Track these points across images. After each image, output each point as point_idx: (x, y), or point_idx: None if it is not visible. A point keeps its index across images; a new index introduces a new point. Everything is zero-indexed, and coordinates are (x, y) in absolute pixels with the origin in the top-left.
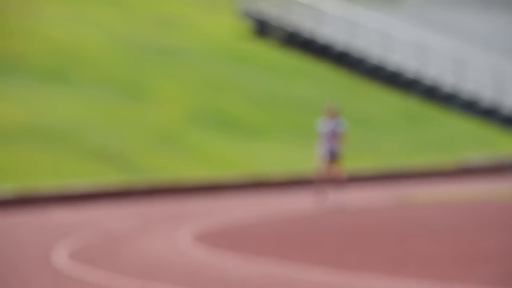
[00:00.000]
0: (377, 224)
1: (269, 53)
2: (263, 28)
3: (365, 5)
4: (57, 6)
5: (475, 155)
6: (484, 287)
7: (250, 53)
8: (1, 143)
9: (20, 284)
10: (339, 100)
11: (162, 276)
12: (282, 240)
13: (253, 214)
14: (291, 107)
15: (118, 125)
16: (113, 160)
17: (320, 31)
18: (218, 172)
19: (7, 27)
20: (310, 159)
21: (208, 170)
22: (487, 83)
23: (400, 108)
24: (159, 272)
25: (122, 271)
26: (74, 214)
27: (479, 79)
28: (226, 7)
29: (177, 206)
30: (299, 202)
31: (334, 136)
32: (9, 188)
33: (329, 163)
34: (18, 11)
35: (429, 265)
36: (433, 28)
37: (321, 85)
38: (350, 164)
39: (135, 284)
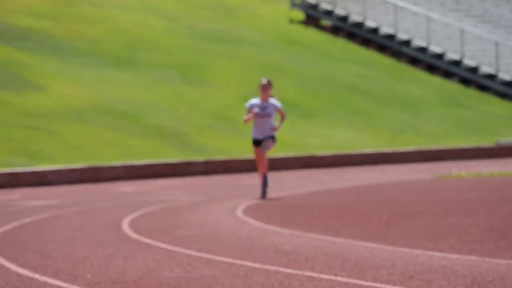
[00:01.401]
0: (417, 199)
1: (319, 39)
2: (313, 15)
3: None
4: None
5: None
6: None
7: (302, 39)
8: (75, 121)
9: (96, 248)
10: (383, 82)
11: (217, 246)
12: (330, 215)
13: (304, 191)
14: (339, 90)
15: (179, 106)
16: (173, 138)
17: (367, 18)
18: (270, 151)
19: (80, 15)
20: (357, 140)
21: None
22: None
23: (441, 90)
24: (214, 242)
25: (181, 240)
26: (138, 187)
27: None
28: None
29: (232, 182)
30: (346, 180)
31: (264, 117)
32: (82, 162)
33: (257, 147)
34: (91, 0)
35: (467, 239)
36: (471, 17)
37: (367, 68)
38: (392, 143)
39: (193, 253)
